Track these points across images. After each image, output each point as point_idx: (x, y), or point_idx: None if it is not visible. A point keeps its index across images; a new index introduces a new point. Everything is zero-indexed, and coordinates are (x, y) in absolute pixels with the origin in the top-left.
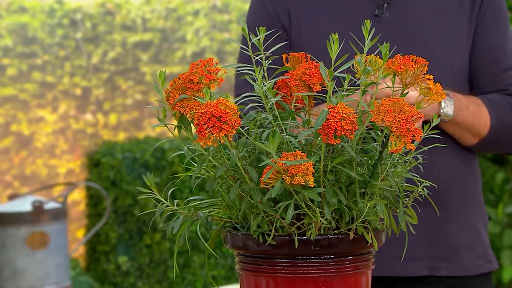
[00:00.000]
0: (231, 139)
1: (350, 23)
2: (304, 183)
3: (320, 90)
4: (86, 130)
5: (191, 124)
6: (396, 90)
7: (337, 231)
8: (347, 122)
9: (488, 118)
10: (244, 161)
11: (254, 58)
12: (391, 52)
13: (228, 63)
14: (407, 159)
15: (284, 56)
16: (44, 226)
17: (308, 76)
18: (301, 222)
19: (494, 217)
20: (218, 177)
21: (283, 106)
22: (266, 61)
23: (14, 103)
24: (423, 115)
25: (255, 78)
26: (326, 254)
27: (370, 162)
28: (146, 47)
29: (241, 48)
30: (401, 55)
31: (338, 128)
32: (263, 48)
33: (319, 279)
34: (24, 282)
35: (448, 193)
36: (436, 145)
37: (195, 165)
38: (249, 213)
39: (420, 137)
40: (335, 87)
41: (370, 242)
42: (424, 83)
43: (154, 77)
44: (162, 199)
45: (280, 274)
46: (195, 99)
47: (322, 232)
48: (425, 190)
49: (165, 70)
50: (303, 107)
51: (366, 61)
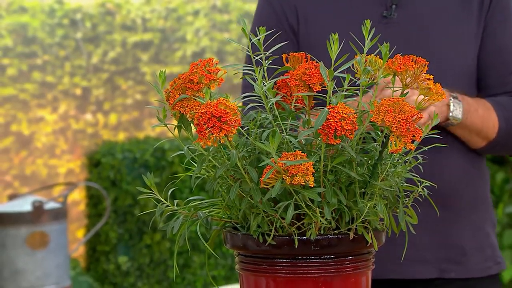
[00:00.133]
0: (231, 139)
1: (358, 24)
2: (304, 183)
3: (320, 90)
4: (86, 130)
5: (191, 124)
6: (396, 91)
7: (337, 231)
8: (347, 122)
9: (496, 121)
10: (244, 161)
11: (254, 58)
12: (400, 53)
13: (228, 63)
14: (407, 159)
15: (284, 56)
16: (44, 226)
17: (308, 76)
18: (301, 222)
19: None
20: (218, 177)
21: (283, 106)
22: (267, 61)
23: (14, 103)
24: (423, 115)
25: (255, 78)
26: (326, 254)
27: (370, 162)
28: (146, 47)
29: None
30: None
31: (338, 128)
32: (268, 48)
33: (319, 279)
34: (24, 282)
35: (456, 195)
36: (436, 145)
37: (195, 165)
38: (249, 213)
39: (420, 137)
40: (335, 87)
41: (370, 242)
42: (424, 83)
43: (154, 77)
44: (162, 199)
45: (280, 274)
46: (195, 99)
47: (322, 232)
48: (425, 191)
49: (165, 70)
50: (303, 107)
51: (366, 61)
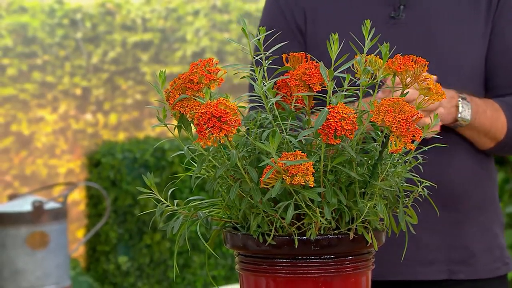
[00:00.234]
0: (231, 139)
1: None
2: (304, 183)
3: (320, 90)
4: (86, 130)
5: (191, 124)
6: (396, 90)
7: (337, 231)
8: (347, 122)
9: (505, 122)
10: (244, 161)
11: (255, 58)
12: (408, 54)
13: (228, 63)
14: (407, 159)
15: (284, 56)
16: (44, 226)
17: (308, 76)
18: (301, 222)
19: None
20: (218, 177)
21: (283, 106)
22: (268, 61)
23: (14, 103)
24: (423, 115)
25: (255, 78)
26: (326, 254)
27: (370, 162)
28: (146, 47)
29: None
30: (417, 57)
31: (338, 128)
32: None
33: (319, 279)
34: (24, 282)
35: (465, 196)
36: (436, 145)
37: (195, 165)
38: (249, 213)
39: (420, 137)
40: (335, 87)
41: (370, 242)
42: (424, 83)
43: (154, 77)
44: (162, 199)
45: (280, 274)
46: (195, 99)
47: (322, 232)
48: (425, 191)
49: (165, 70)
50: (303, 107)
51: (366, 61)
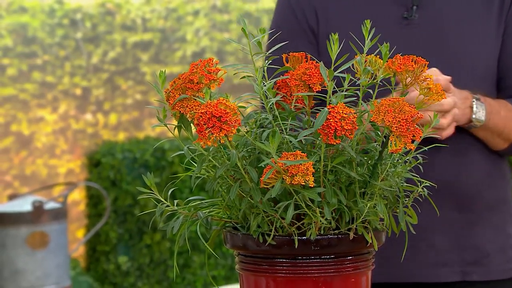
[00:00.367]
0: (231, 139)
1: (378, 25)
2: (304, 183)
3: (320, 90)
4: (86, 130)
5: (191, 124)
6: (397, 90)
7: (337, 231)
8: (347, 122)
9: None
10: (244, 161)
11: (256, 58)
12: (420, 55)
13: (228, 63)
14: (407, 159)
15: (284, 56)
16: (44, 226)
17: (308, 76)
18: (301, 222)
19: None
20: (218, 177)
21: (283, 106)
22: (267, 61)
23: (14, 103)
24: (423, 115)
25: (255, 78)
26: (326, 254)
27: (370, 162)
28: (146, 47)
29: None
30: (428, 58)
31: (338, 128)
32: (286, 47)
33: (319, 279)
34: (24, 282)
35: (478, 197)
36: (436, 145)
37: (195, 165)
38: (249, 213)
39: (420, 137)
40: (335, 87)
41: (370, 242)
42: (424, 83)
43: (154, 77)
44: (162, 199)
45: (280, 274)
46: (195, 99)
47: (322, 232)
48: (425, 191)
49: (165, 70)
50: (303, 107)
51: (366, 61)
